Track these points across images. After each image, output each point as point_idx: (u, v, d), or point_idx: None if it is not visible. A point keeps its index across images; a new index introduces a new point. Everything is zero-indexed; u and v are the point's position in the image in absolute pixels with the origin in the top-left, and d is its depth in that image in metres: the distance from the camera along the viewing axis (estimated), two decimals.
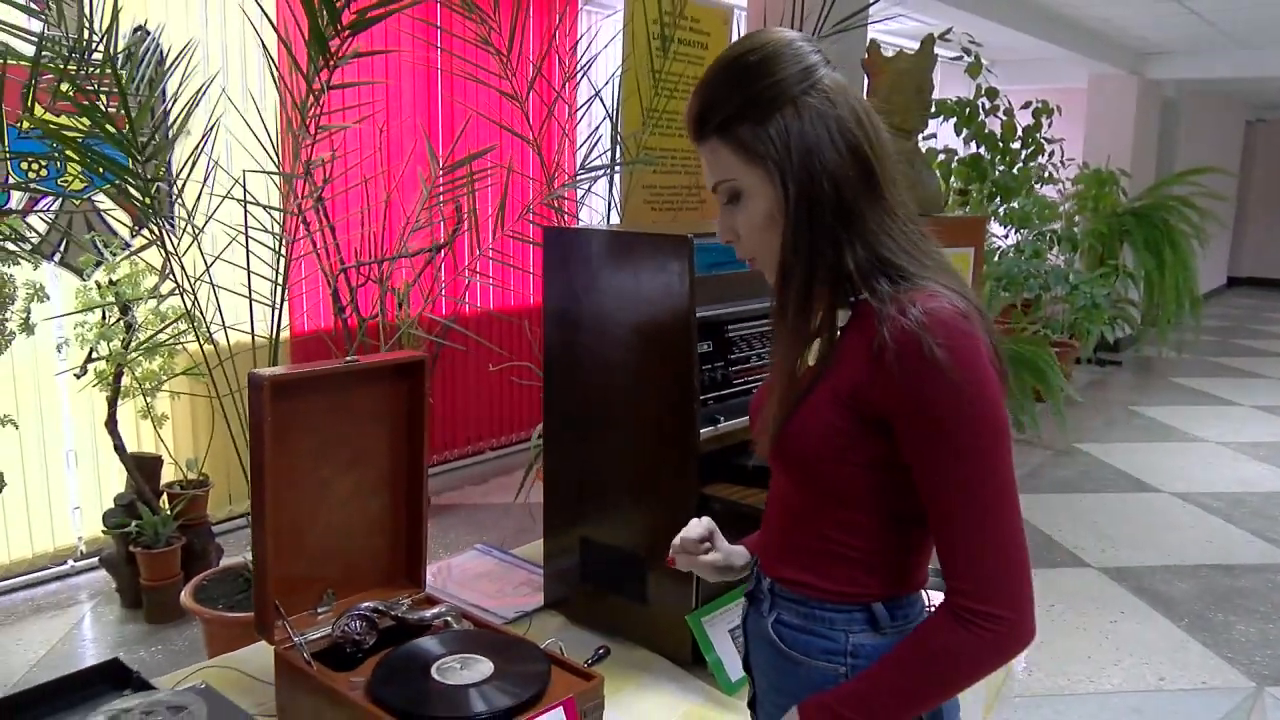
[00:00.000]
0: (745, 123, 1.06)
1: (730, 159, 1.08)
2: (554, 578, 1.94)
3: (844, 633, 1.13)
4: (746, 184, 1.08)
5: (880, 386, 1.02)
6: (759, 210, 1.08)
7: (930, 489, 1.03)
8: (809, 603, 1.15)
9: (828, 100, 1.05)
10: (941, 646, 1.03)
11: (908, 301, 1.01)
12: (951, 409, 0.99)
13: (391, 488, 1.66)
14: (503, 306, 5.27)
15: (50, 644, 3.40)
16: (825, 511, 1.13)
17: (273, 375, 1.43)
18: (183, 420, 4.06)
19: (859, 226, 1.06)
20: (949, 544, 1.02)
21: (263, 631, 1.50)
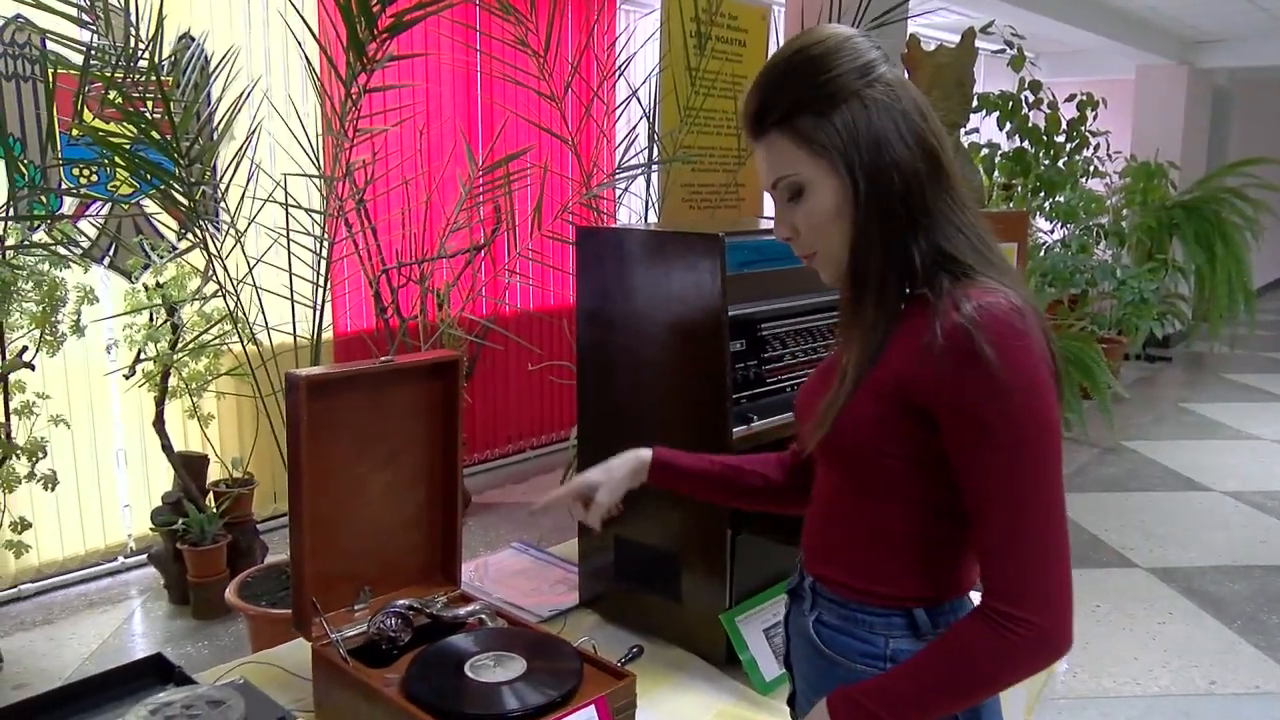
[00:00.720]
0: (808, 115, 1.05)
1: (793, 153, 1.06)
2: (589, 576, 1.95)
3: (884, 637, 1.12)
4: (810, 177, 1.06)
5: (928, 380, 1.01)
6: (824, 204, 1.07)
7: (971, 486, 1.02)
8: (849, 604, 1.15)
9: (892, 93, 1.05)
10: (970, 648, 1.02)
11: (963, 296, 1.01)
12: (997, 407, 0.98)
13: (427, 485, 1.68)
14: (541, 306, 5.30)
15: (102, 638, 3.48)
16: (868, 508, 1.12)
17: (309, 375, 1.45)
18: (228, 419, 4.14)
19: (926, 220, 1.05)
20: (985, 543, 1.02)
21: (300, 628, 1.52)
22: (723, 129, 3.85)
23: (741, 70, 3.94)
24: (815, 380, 1.24)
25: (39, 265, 2.98)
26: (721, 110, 3.79)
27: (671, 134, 3.43)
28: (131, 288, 3.45)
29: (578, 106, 3.67)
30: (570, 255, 5.07)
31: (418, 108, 4.47)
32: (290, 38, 2.89)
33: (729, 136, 3.87)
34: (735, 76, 3.91)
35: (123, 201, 3.73)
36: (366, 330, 4.34)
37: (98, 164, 3.52)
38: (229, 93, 2.83)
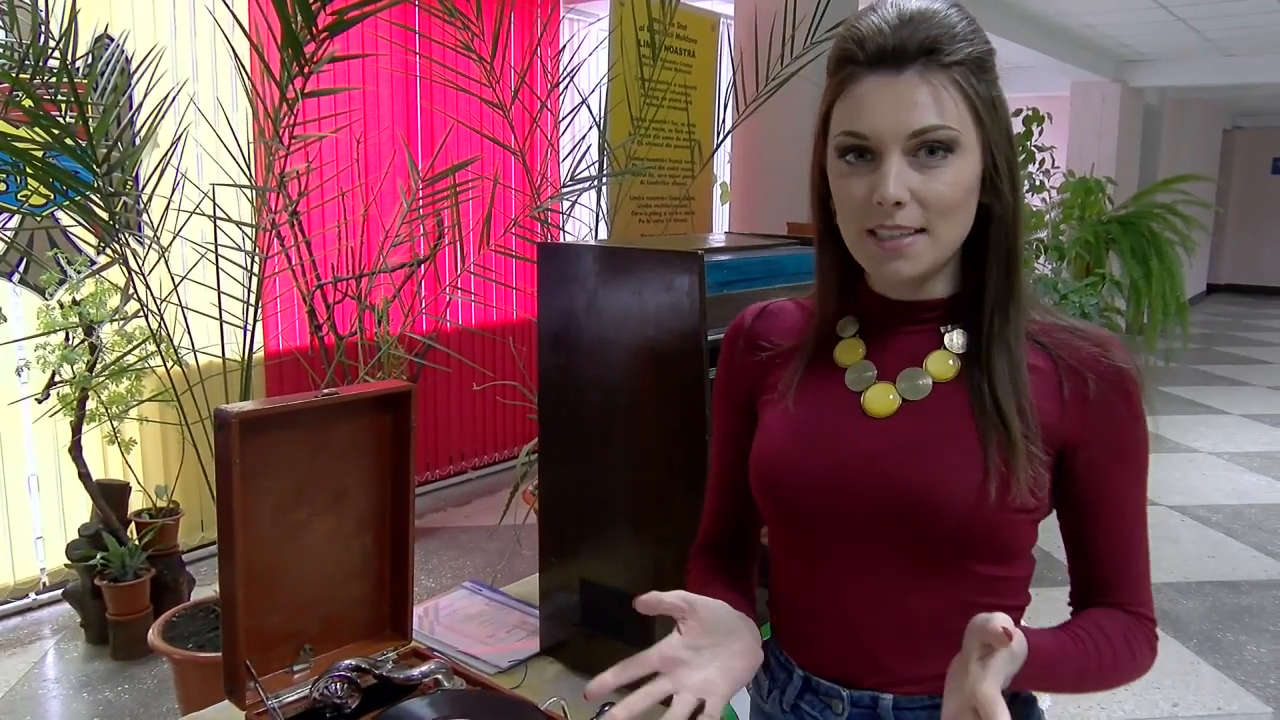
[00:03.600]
0: (975, 69, 0.91)
1: (959, 105, 0.90)
2: (550, 620, 1.80)
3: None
4: (966, 139, 0.90)
5: (1080, 418, 0.95)
6: (969, 173, 0.91)
7: (1123, 511, 0.99)
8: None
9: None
10: (1138, 658, 0.99)
11: (1072, 325, 0.98)
12: (1144, 436, 0.98)
13: (375, 531, 1.52)
14: (485, 322, 5.12)
15: (9, 684, 3.23)
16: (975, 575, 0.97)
17: (241, 412, 1.28)
18: (152, 445, 3.89)
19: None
20: (1127, 563, 1.01)
21: (231, 694, 1.35)
22: (673, 140, 3.74)
23: (691, 80, 3.84)
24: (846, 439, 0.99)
25: None
26: (672, 121, 3.68)
27: (623, 145, 3.30)
28: (45, 305, 3.21)
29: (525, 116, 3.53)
30: (514, 270, 4.92)
31: (355, 115, 4.28)
32: (219, 39, 2.70)
33: (680, 148, 3.76)
34: (685, 87, 3.81)
35: (34, 213, 3.49)
36: (300, 349, 4.14)
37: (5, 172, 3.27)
38: (152, 96, 2.64)
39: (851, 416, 0.99)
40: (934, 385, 0.97)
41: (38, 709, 3.10)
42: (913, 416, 0.97)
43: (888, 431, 0.97)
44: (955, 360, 0.98)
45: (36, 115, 2.26)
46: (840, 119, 0.93)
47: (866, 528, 0.97)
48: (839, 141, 0.93)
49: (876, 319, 1.02)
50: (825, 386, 1.02)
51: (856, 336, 1.03)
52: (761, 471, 1.04)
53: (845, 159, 0.93)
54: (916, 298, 0.99)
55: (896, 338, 1.01)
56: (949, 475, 0.93)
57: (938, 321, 0.99)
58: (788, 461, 1.01)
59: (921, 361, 0.99)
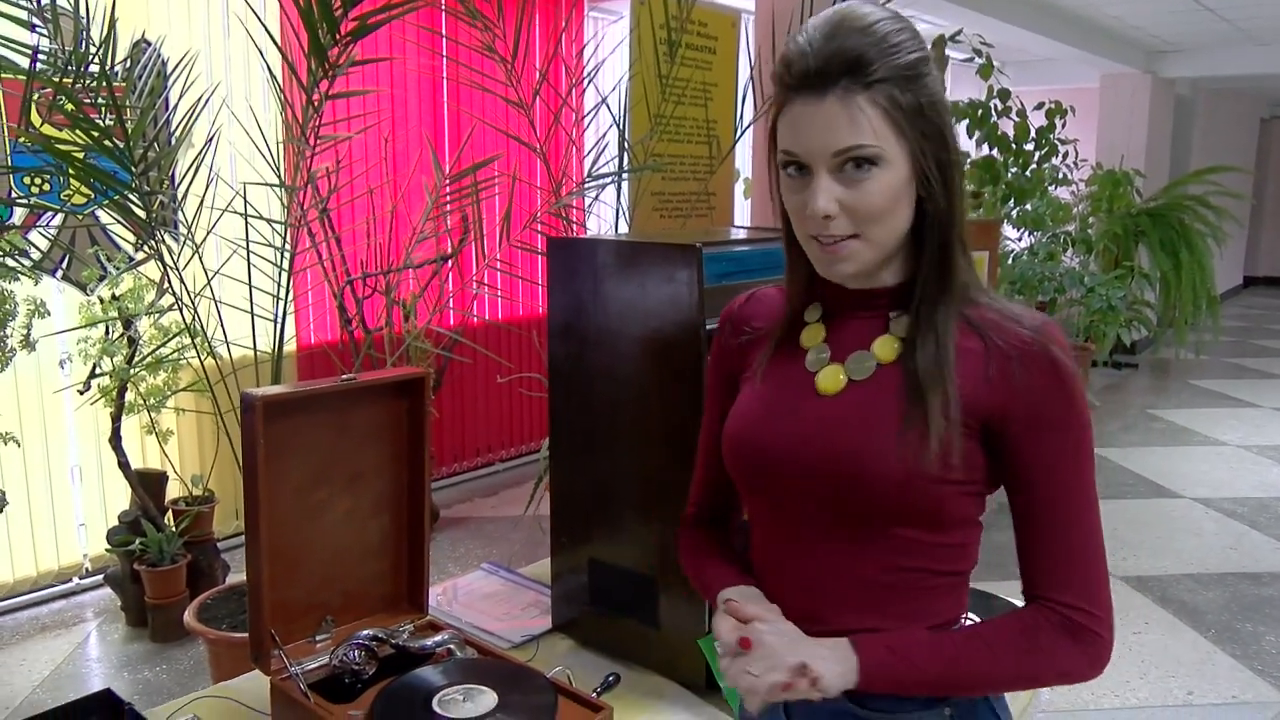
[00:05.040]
0: (899, 85, 0.96)
1: (877, 122, 0.95)
2: (562, 599, 1.88)
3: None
4: (888, 152, 0.96)
5: (1002, 397, 0.98)
6: (892, 183, 0.97)
7: (1051, 496, 0.99)
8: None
9: (941, 85, 1.01)
10: (1045, 648, 0.98)
11: (1004, 307, 1.01)
12: (1075, 419, 0.99)
13: (392, 509, 1.61)
14: (510, 317, 5.22)
15: (55, 663, 3.36)
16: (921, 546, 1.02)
17: (266, 395, 1.37)
18: (188, 435, 4.02)
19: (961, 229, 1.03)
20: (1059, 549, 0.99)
21: (257, 661, 1.44)
22: (693, 137, 3.80)
23: (711, 77, 3.90)
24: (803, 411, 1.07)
25: None
26: (692, 118, 3.74)
27: (642, 142, 3.37)
28: (86, 300, 3.34)
29: (546, 114, 3.60)
30: (539, 266, 5.00)
31: (383, 115, 4.38)
32: (251, 43, 2.80)
33: (700, 144, 3.82)
34: (705, 84, 3.86)
35: (76, 211, 3.62)
36: (330, 343, 4.25)
37: (49, 172, 3.41)
38: (186, 99, 2.74)
39: (805, 394, 1.08)
40: (877, 366, 1.05)
41: (81, 687, 3.22)
42: (856, 394, 1.05)
43: (832, 408, 1.05)
44: (899, 343, 1.05)
45: (77, 118, 2.37)
46: (780, 137, 1.02)
47: (806, 495, 1.05)
48: (780, 157, 1.02)
49: (835, 306, 1.11)
50: (789, 367, 1.11)
51: (819, 322, 1.11)
52: (729, 444, 1.14)
53: (787, 172, 1.01)
54: (868, 286, 1.07)
55: (851, 323, 1.09)
56: (871, 445, 1.00)
57: (887, 308, 1.07)
58: (749, 434, 1.11)
59: (869, 344, 1.06)
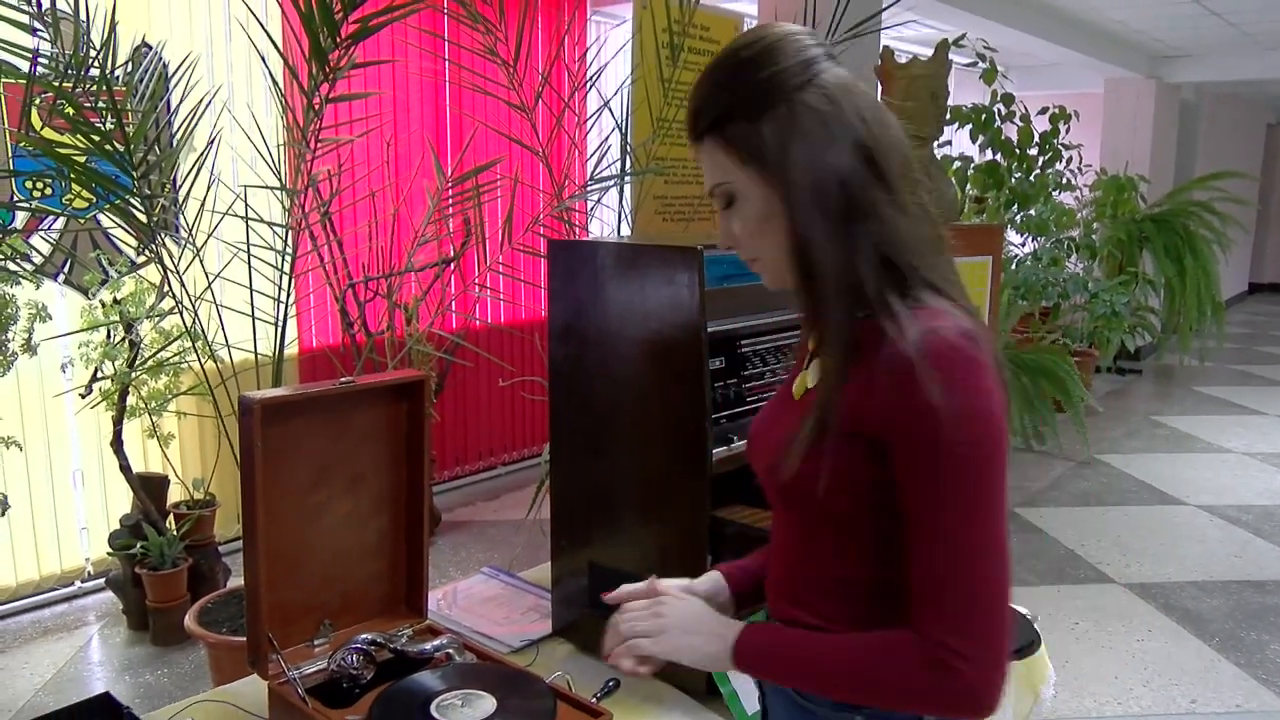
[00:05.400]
0: (739, 121, 1.00)
1: (724, 160, 1.02)
2: (562, 603, 1.87)
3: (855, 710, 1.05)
4: (741, 185, 1.02)
5: (877, 410, 0.97)
6: (753, 211, 1.03)
7: (917, 517, 0.96)
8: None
9: (825, 98, 0.99)
10: (896, 671, 0.97)
11: (910, 320, 0.96)
12: (942, 436, 0.93)
13: (391, 512, 1.60)
14: (512, 320, 5.21)
15: (57, 666, 3.35)
16: (828, 550, 1.06)
17: (264, 398, 1.37)
18: (190, 439, 4.02)
19: (867, 230, 0.98)
20: (928, 577, 0.95)
21: (255, 665, 1.44)
22: None
23: None
24: (772, 411, 1.18)
25: None
26: None
27: (644, 145, 3.37)
28: (88, 304, 3.33)
29: (548, 117, 3.60)
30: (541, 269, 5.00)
31: (384, 118, 4.38)
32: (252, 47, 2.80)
33: None
34: None
35: (78, 215, 3.62)
36: (332, 346, 4.24)
37: (49, 177, 3.41)
38: (187, 102, 2.74)
39: (785, 399, 1.16)
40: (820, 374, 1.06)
41: (83, 690, 3.22)
42: (802, 399, 1.11)
43: (788, 410, 1.12)
44: None
45: (78, 122, 2.37)
46: None
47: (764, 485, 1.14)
48: None
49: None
50: (794, 375, 1.17)
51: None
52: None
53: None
54: None
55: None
56: (772, 443, 1.09)
57: None
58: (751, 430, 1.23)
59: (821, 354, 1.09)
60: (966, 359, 0.94)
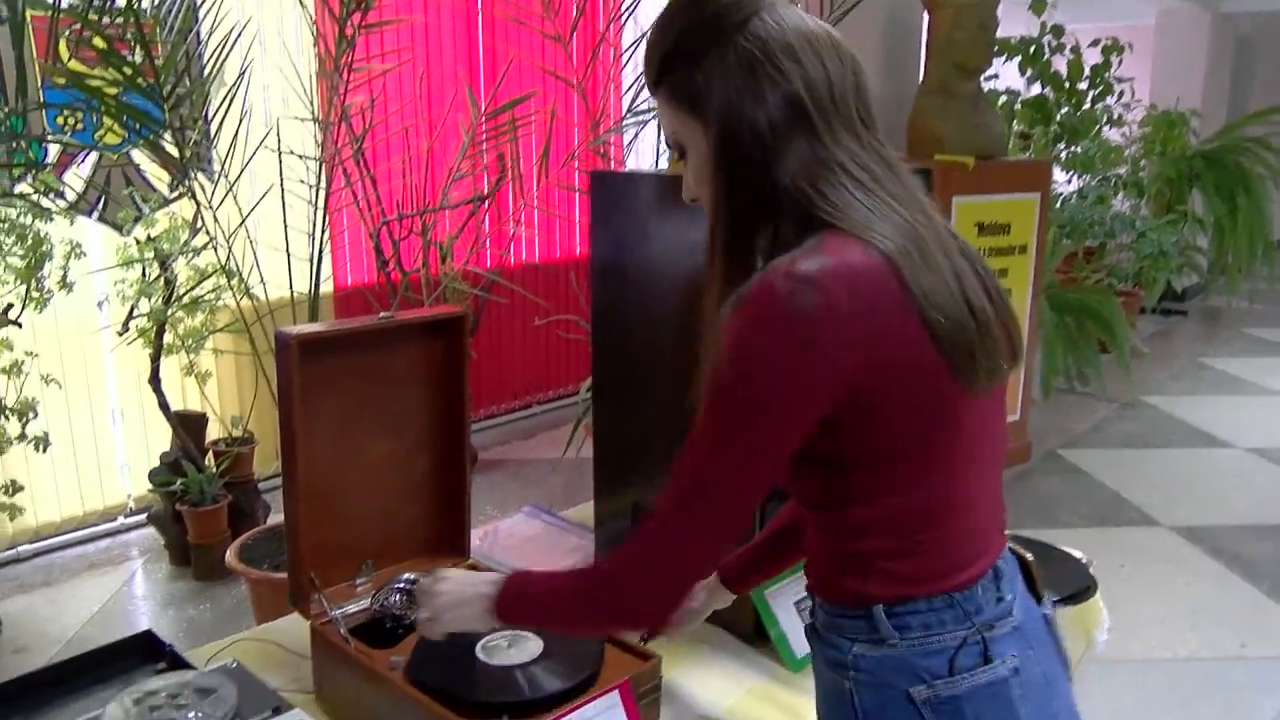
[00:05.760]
0: (679, 68, 0.97)
1: (670, 110, 1.00)
2: (605, 543, 1.84)
3: (850, 641, 1.00)
4: (685, 135, 0.99)
5: None
6: (694, 162, 1.00)
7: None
8: (825, 607, 1.05)
9: (761, 34, 0.93)
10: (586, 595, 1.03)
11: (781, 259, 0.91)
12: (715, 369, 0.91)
13: (432, 450, 1.57)
14: (548, 258, 5.15)
15: (103, 600, 3.40)
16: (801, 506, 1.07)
17: (301, 334, 1.33)
18: (227, 377, 4.02)
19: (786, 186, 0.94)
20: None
21: (296, 604, 1.42)
22: None
23: None
24: None
25: (21, 218, 2.84)
26: None
27: None
28: (123, 242, 3.31)
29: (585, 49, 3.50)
30: (577, 205, 4.93)
31: (417, 51, 4.29)
32: None
33: None
34: None
35: (110, 151, 3.58)
36: (368, 285, 4.21)
37: (81, 109, 3.36)
38: (217, 34, 2.68)
39: None
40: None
41: (128, 624, 3.26)
42: None
43: None
44: None
45: (108, 54, 2.32)
46: None
47: None
48: None
49: None
50: None
51: None
52: None
53: None
54: None
55: None
56: None
57: None
58: None
59: None
60: (766, 307, 0.88)
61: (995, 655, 0.97)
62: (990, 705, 0.96)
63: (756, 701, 1.47)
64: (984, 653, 0.97)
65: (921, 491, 0.96)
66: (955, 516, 0.98)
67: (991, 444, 1.02)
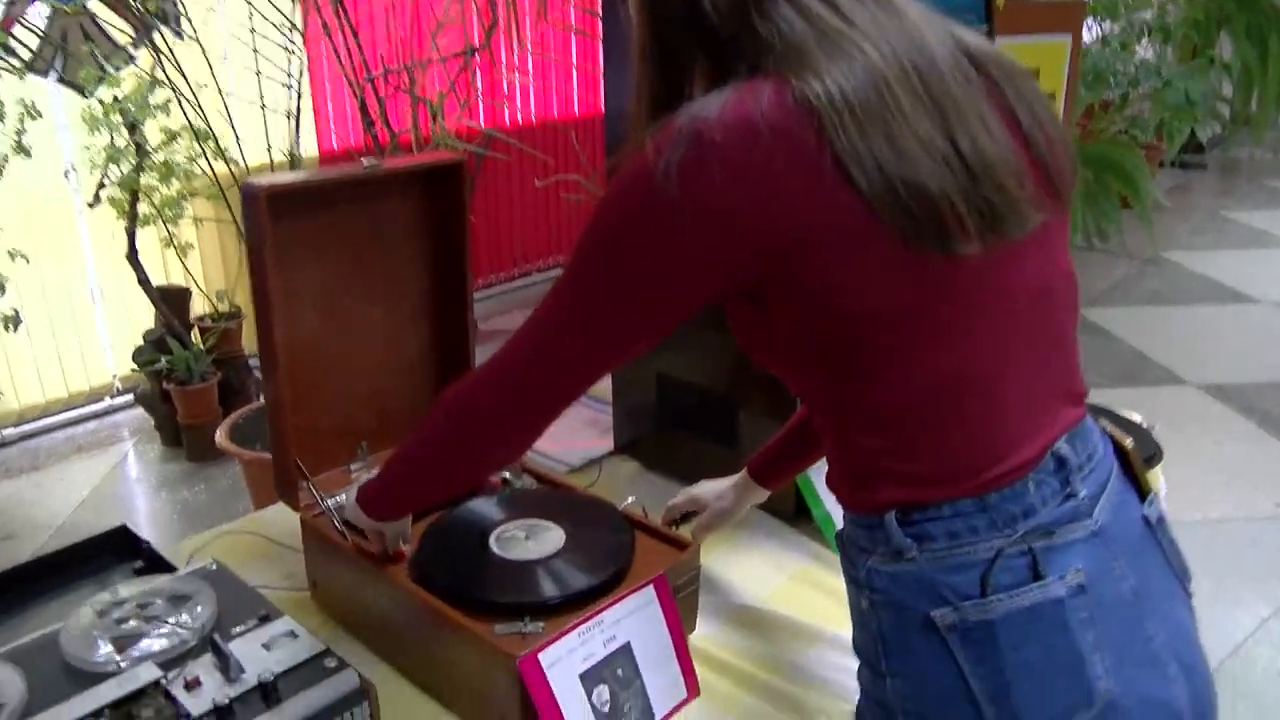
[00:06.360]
0: None
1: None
2: (625, 418, 1.68)
3: (865, 553, 0.83)
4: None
5: None
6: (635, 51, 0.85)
7: None
8: (847, 515, 0.88)
9: None
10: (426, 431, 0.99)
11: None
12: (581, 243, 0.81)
13: (430, 319, 1.38)
14: (546, 116, 4.87)
15: (92, 484, 3.28)
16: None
17: (271, 184, 1.13)
18: (210, 249, 3.80)
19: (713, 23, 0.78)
20: None
21: (283, 495, 1.26)
22: None
23: None
24: None
25: None
26: None
27: None
28: (87, 105, 3.05)
29: None
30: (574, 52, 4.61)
31: None
32: None
33: None
34: None
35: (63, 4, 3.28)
36: (355, 148, 3.96)
37: None
38: None
39: None
40: None
41: (120, 507, 3.15)
42: None
43: None
44: None
45: None
46: None
47: None
48: None
49: None
50: None
51: None
52: None
53: None
54: None
55: None
56: None
57: None
58: None
59: None
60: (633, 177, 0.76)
61: (1049, 570, 0.77)
62: (1035, 633, 0.76)
63: (800, 587, 1.33)
64: (1031, 566, 0.77)
65: (913, 372, 0.77)
66: (973, 396, 0.78)
67: (1031, 299, 0.80)
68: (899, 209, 0.72)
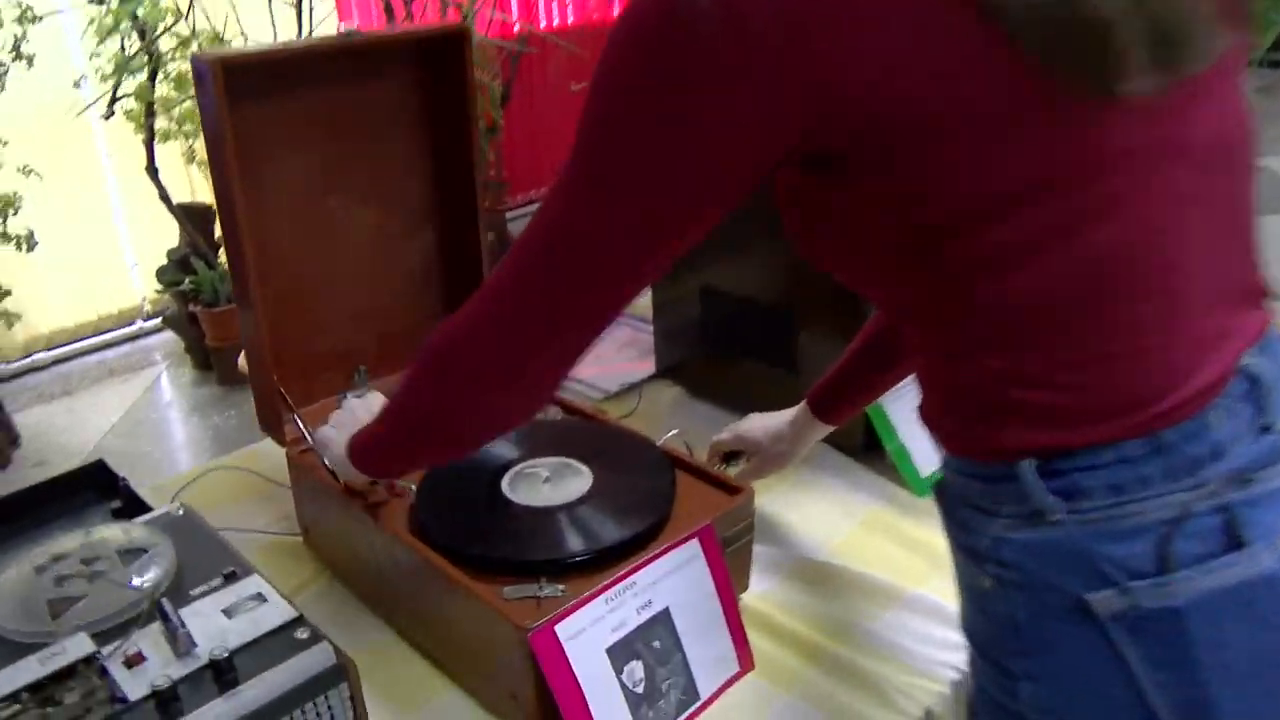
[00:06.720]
0: None
1: None
2: (666, 338, 1.48)
3: (987, 517, 0.62)
4: None
5: None
6: None
7: None
8: (952, 463, 0.67)
9: None
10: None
11: None
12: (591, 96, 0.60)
13: (436, 224, 1.18)
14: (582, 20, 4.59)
15: (124, 409, 3.18)
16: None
17: (224, 57, 0.92)
18: None
19: None
20: None
21: (268, 429, 1.08)
22: None
23: None
24: None
25: None
26: None
27: None
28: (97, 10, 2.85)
29: None
30: None
31: None
32: None
33: None
34: None
35: None
36: None
37: None
38: None
39: None
40: None
41: (153, 431, 3.05)
42: None
43: None
44: None
45: None
46: None
47: None
48: None
49: None
50: None
51: None
52: None
53: None
54: None
55: None
56: None
57: None
58: None
59: None
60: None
61: (1253, 534, 0.55)
62: (1242, 625, 0.56)
63: (872, 535, 1.13)
64: (1228, 529, 0.56)
65: (1059, 261, 0.55)
66: (1140, 295, 0.56)
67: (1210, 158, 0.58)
68: (1046, 36, 0.50)
